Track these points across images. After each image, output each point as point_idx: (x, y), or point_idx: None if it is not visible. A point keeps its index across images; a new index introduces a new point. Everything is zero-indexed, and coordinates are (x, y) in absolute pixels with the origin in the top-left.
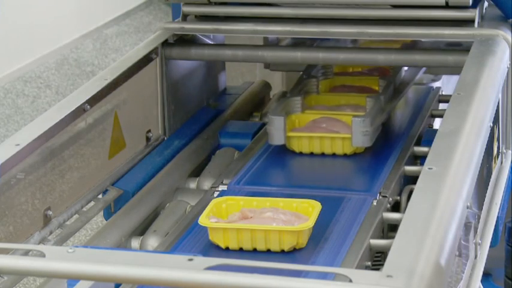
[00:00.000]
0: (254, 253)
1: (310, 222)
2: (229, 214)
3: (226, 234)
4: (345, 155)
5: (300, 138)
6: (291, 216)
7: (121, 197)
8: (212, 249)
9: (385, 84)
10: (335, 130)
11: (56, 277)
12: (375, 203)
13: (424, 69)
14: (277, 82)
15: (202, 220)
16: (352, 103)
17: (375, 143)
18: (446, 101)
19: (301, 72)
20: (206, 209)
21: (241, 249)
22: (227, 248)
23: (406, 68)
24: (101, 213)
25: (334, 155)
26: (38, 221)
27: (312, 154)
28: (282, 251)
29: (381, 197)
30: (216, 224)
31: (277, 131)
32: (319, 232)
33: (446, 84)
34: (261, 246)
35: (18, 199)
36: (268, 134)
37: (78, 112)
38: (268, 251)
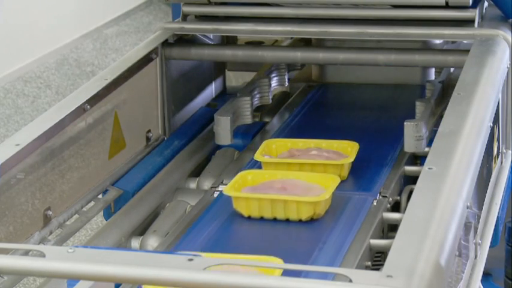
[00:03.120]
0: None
1: (350, 158)
2: (279, 153)
3: (277, 167)
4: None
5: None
6: (333, 154)
7: (121, 197)
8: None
9: (433, 87)
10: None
11: (56, 277)
12: (375, 203)
13: None
14: None
15: (258, 157)
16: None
17: (375, 143)
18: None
19: (256, 72)
20: (259, 149)
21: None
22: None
23: (452, 69)
24: (101, 213)
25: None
26: (38, 221)
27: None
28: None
29: (380, 197)
30: (269, 159)
31: (223, 131)
32: (319, 232)
33: None
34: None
35: (18, 199)
36: (215, 134)
37: (78, 112)
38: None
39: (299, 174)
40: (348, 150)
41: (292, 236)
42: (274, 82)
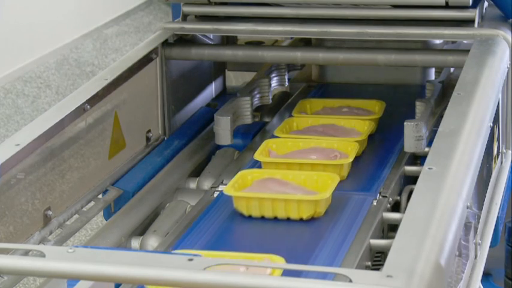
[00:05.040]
0: None
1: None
2: (313, 111)
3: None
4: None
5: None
6: (363, 111)
7: (121, 197)
8: None
9: (433, 87)
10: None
11: (56, 277)
12: (375, 203)
13: None
14: None
15: (295, 114)
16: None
17: (375, 142)
18: None
19: (256, 72)
20: (295, 107)
21: None
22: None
23: (452, 69)
24: (101, 213)
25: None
26: (38, 221)
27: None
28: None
29: (380, 197)
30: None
31: (223, 131)
32: (319, 232)
33: None
34: None
35: (18, 199)
36: (215, 134)
37: (78, 112)
38: None
39: (338, 119)
40: (375, 108)
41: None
42: (274, 82)
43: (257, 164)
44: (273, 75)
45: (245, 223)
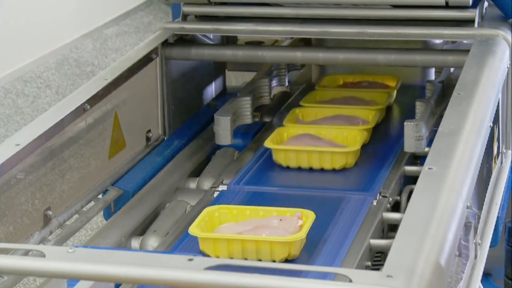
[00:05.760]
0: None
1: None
2: (334, 85)
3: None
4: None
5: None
6: (380, 85)
7: (121, 197)
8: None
9: (433, 87)
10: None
11: (56, 277)
12: (375, 203)
13: None
14: None
15: (318, 88)
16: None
17: (375, 143)
18: None
19: (256, 72)
20: (318, 83)
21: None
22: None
23: (452, 69)
24: (101, 213)
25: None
26: (38, 221)
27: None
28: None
29: (380, 197)
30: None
31: (223, 131)
32: (319, 232)
33: None
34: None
35: (18, 199)
36: (215, 134)
37: (78, 112)
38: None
39: (358, 92)
40: (391, 83)
41: None
42: (274, 82)
43: None
44: (273, 75)
45: (283, 172)
